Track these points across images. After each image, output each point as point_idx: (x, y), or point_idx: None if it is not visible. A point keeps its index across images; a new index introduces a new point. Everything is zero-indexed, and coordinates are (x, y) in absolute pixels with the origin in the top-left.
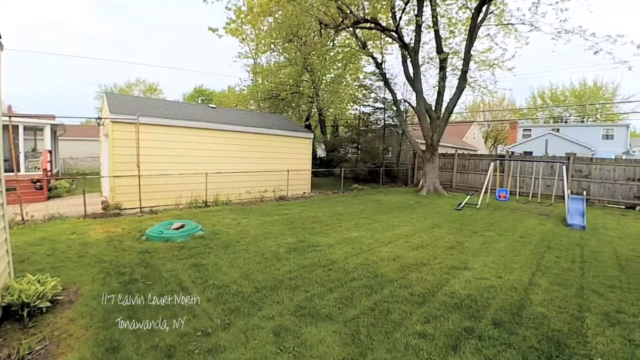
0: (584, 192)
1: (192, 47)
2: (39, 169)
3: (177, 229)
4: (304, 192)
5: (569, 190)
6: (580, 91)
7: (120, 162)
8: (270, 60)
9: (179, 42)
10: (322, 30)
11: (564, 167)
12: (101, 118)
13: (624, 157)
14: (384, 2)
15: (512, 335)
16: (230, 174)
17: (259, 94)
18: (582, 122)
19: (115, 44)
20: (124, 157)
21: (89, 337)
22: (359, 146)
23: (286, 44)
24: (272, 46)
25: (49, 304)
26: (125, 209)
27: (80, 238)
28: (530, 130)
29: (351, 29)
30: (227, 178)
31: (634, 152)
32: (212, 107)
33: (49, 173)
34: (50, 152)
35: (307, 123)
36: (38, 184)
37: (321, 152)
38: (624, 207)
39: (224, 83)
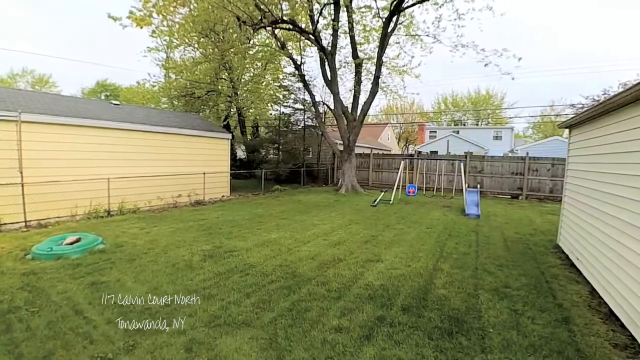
0: (479, 186)
1: (98, 37)
2: None
3: (71, 243)
4: (223, 196)
5: (467, 184)
6: (476, 98)
7: None
8: (185, 55)
9: (81, 30)
10: (240, 28)
11: (462, 164)
12: None
13: (510, 154)
14: (305, 4)
15: (419, 318)
16: (138, 179)
17: (172, 90)
18: (477, 125)
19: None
20: (2, 161)
21: None
22: (280, 147)
23: (202, 39)
24: (187, 40)
25: None
26: (5, 223)
27: None
28: (435, 132)
29: (270, 28)
30: (134, 183)
31: (517, 150)
32: (115, 104)
33: None
34: None
35: (226, 123)
36: None
37: (241, 154)
38: (509, 197)
39: (132, 78)
